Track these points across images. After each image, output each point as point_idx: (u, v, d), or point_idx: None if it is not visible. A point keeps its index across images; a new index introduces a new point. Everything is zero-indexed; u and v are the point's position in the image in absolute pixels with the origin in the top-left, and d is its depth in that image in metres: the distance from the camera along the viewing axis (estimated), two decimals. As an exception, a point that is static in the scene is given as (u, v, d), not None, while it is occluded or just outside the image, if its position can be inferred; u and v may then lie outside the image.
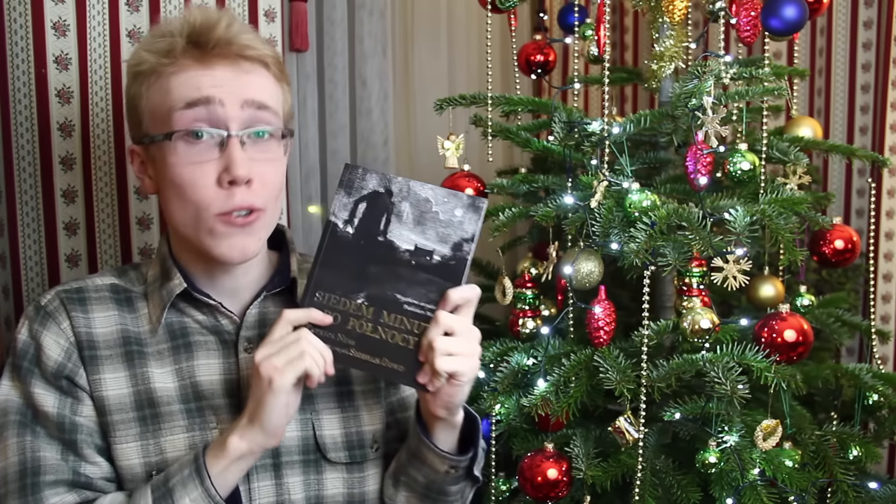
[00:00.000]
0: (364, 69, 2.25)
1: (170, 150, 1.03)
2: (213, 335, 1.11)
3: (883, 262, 2.33)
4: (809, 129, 1.62)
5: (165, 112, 1.03)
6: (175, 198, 1.05)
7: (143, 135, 1.07)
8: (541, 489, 1.40)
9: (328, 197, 2.23)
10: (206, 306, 1.11)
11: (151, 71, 1.05)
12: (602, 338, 1.42)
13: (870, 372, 1.54)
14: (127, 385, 1.07)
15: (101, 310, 1.09)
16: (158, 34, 1.06)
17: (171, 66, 1.03)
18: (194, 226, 1.05)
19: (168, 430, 1.07)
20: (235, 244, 1.05)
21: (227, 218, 1.03)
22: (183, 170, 1.03)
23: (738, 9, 1.48)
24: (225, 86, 1.03)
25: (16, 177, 1.45)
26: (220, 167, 1.02)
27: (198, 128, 1.02)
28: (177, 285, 1.09)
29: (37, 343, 1.07)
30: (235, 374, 1.10)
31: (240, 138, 1.03)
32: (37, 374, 1.06)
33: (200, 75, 1.03)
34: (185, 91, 1.02)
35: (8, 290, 1.48)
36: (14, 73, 1.43)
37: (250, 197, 1.04)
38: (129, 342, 1.09)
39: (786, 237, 1.33)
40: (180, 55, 1.03)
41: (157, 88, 1.04)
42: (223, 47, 1.04)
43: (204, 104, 1.02)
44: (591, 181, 1.46)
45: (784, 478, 1.36)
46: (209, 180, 1.02)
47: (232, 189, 1.03)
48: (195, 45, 1.04)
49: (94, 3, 1.46)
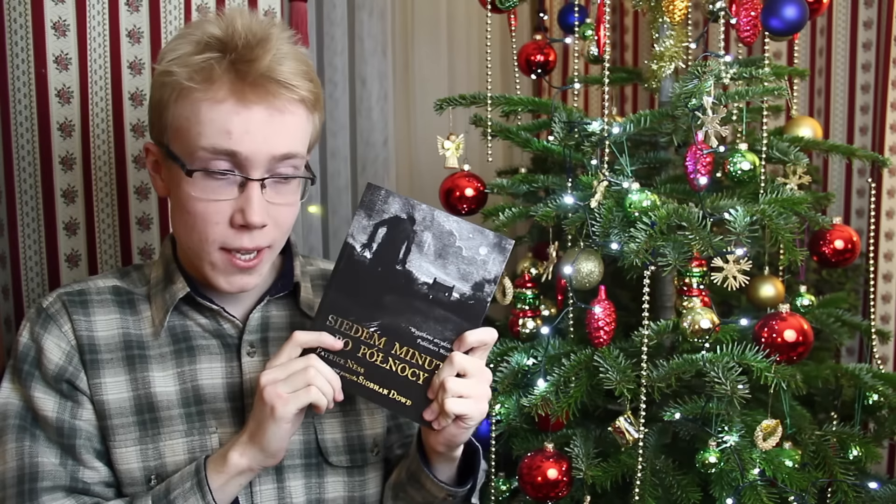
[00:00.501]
0: (364, 69, 2.25)
1: (189, 181, 1.01)
2: (216, 339, 1.11)
3: (883, 262, 2.33)
4: (809, 129, 1.62)
5: (191, 143, 1.00)
6: (184, 221, 1.04)
7: (163, 143, 1.05)
8: (541, 489, 1.40)
9: (328, 197, 2.23)
10: (208, 310, 1.11)
11: (181, 87, 1.00)
12: (602, 338, 1.42)
13: (870, 372, 1.54)
14: (127, 389, 1.07)
15: (102, 312, 1.09)
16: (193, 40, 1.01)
17: (201, 91, 0.99)
18: (197, 252, 1.05)
19: (167, 434, 1.07)
20: (234, 281, 1.06)
21: (230, 256, 1.03)
22: (197, 204, 1.01)
23: (738, 9, 1.48)
24: (256, 134, 0.99)
25: (16, 177, 1.45)
26: (235, 207, 1.01)
27: (220, 169, 1.00)
28: (180, 289, 1.09)
29: (38, 346, 1.06)
30: (238, 378, 1.10)
31: (261, 183, 1.01)
32: (37, 377, 1.05)
33: (233, 114, 0.98)
34: (214, 133, 0.98)
35: (8, 291, 1.48)
36: (14, 73, 1.43)
37: (259, 238, 1.03)
38: (131, 346, 1.08)
39: (786, 237, 1.33)
40: (216, 81, 0.98)
41: (186, 107, 1.00)
42: (263, 84, 0.99)
43: (232, 156, 0.99)
44: (591, 181, 1.46)
45: (784, 478, 1.36)
46: (223, 217, 1.01)
47: (242, 231, 1.02)
48: (234, 72, 0.99)
49: (94, 3, 1.46)
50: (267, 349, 1.12)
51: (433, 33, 2.47)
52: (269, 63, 0.99)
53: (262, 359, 1.11)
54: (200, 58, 0.99)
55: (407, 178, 2.43)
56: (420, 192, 2.43)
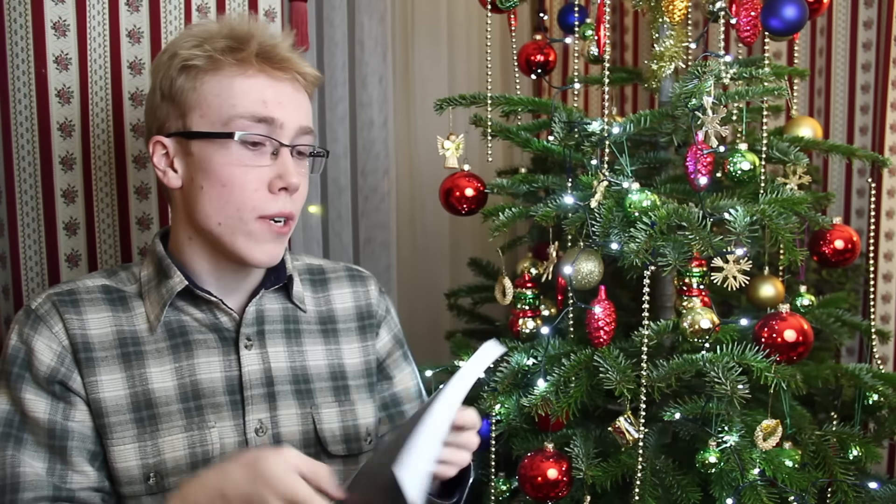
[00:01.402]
0: (364, 69, 2.25)
1: (223, 148, 1.06)
2: (213, 333, 1.12)
3: (883, 262, 2.33)
4: (809, 129, 1.62)
5: (224, 114, 1.06)
6: (215, 195, 1.07)
7: (183, 129, 1.08)
8: (541, 489, 1.39)
9: (328, 197, 2.23)
10: (205, 304, 1.12)
11: (208, 67, 1.07)
12: (602, 338, 1.42)
13: (870, 372, 1.54)
14: (124, 386, 1.07)
15: (94, 311, 1.09)
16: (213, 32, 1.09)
17: (234, 66, 1.07)
18: (232, 225, 1.07)
19: (166, 430, 1.07)
20: (269, 250, 1.09)
21: (266, 222, 1.08)
22: (235, 170, 1.06)
23: (738, 9, 1.48)
24: (287, 105, 1.09)
25: (16, 177, 1.45)
26: (272, 174, 1.08)
27: (260, 138, 1.07)
28: (177, 283, 1.10)
29: (28, 347, 1.06)
30: (236, 371, 1.11)
31: (290, 150, 1.10)
32: (27, 379, 1.05)
33: (267, 87, 1.08)
34: (250, 102, 1.07)
35: (8, 290, 1.48)
36: (14, 73, 1.43)
37: (290, 205, 1.10)
38: (126, 343, 1.09)
39: (786, 237, 1.33)
40: (245, 59, 1.07)
41: (215, 85, 1.07)
42: (288, 63, 1.10)
43: (269, 123, 1.07)
44: (591, 181, 1.46)
45: (784, 478, 1.36)
46: (261, 184, 1.08)
47: (279, 195, 1.08)
48: (262, 56, 1.08)
49: (94, 3, 1.46)
50: (263, 341, 1.14)
51: (433, 33, 2.47)
52: (287, 49, 1.11)
53: (260, 351, 1.14)
54: (223, 42, 1.08)
55: (407, 178, 2.43)
56: (420, 192, 2.43)
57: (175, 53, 1.09)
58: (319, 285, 1.24)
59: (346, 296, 1.25)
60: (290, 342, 1.17)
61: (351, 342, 1.22)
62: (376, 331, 1.26)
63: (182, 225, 1.12)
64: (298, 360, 1.17)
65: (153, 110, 1.12)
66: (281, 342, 1.16)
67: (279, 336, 1.16)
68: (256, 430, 1.11)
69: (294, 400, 1.14)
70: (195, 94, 1.07)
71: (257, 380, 1.12)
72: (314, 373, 1.17)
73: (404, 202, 2.42)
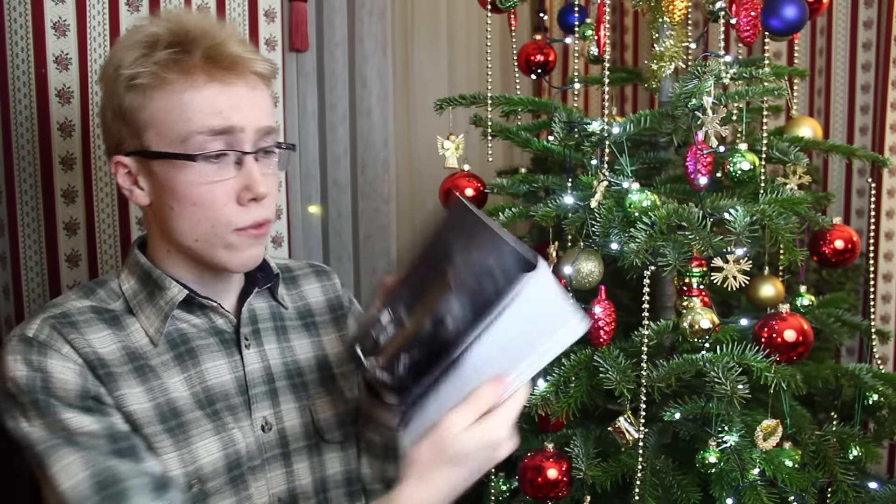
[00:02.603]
0: (364, 69, 2.25)
1: (186, 168, 1.02)
2: (213, 336, 1.12)
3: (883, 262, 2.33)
4: (809, 129, 1.62)
5: (180, 131, 1.01)
6: (188, 214, 1.04)
7: (140, 148, 1.04)
8: (541, 489, 1.39)
9: (328, 197, 2.23)
10: (199, 310, 1.11)
11: (155, 84, 1.01)
12: (602, 338, 1.42)
13: (870, 372, 1.54)
14: (147, 399, 1.03)
15: (94, 331, 1.04)
16: (152, 42, 1.02)
17: (180, 80, 1.01)
18: (209, 241, 1.05)
19: (198, 435, 1.05)
20: (251, 255, 1.08)
21: (244, 232, 1.05)
22: (201, 188, 1.02)
23: (738, 9, 1.48)
24: (244, 108, 1.04)
25: (16, 177, 1.45)
26: (238, 185, 1.04)
27: (220, 150, 1.03)
28: (176, 294, 1.08)
29: (44, 373, 0.98)
30: (241, 371, 1.12)
31: (255, 156, 1.05)
32: (57, 403, 0.97)
33: (219, 94, 1.02)
34: (206, 115, 1.01)
35: (8, 290, 1.48)
36: (14, 73, 1.43)
37: (264, 211, 1.07)
38: (135, 357, 1.05)
39: (786, 237, 1.33)
40: (191, 70, 1.01)
41: (164, 101, 1.01)
42: (236, 63, 1.03)
43: (228, 132, 1.02)
44: (591, 181, 1.46)
45: (784, 478, 1.36)
46: (229, 198, 1.04)
47: (250, 205, 1.05)
48: (208, 60, 1.02)
49: (94, 3, 1.46)
50: (260, 340, 1.16)
51: (433, 33, 2.47)
52: (235, 48, 1.04)
53: (258, 350, 1.15)
54: (165, 53, 1.02)
55: (407, 178, 2.43)
56: (420, 192, 2.43)
57: (119, 68, 1.03)
58: (290, 283, 1.25)
59: (316, 290, 1.27)
60: (279, 339, 1.18)
61: (329, 333, 1.24)
62: (346, 321, 1.28)
63: (158, 239, 1.10)
64: (289, 356, 1.18)
65: (107, 128, 1.08)
66: (273, 339, 1.17)
67: (271, 333, 1.18)
68: (262, 426, 1.12)
69: (291, 394, 1.16)
70: (146, 113, 1.02)
71: (259, 378, 1.13)
72: (305, 366, 1.19)
73: (404, 202, 2.42)
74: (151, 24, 1.05)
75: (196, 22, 1.04)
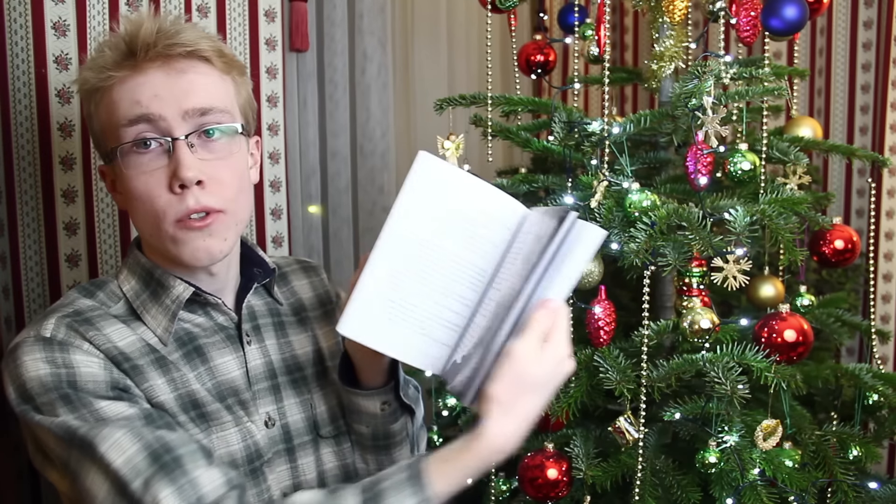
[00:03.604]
0: (364, 69, 2.25)
1: (123, 163, 1.02)
2: (218, 333, 1.12)
3: (883, 262, 2.33)
4: (809, 129, 1.62)
5: (114, 128, 1.02)
6: (136, 209, 1.04)
7: (103, 152, 1.07)
8: (541, 489, 1.39)
9: (328, 197, 2.23)
10: (201, 308, 1.11)
11: (95, 88, 1.03)
12: (602, 338, 1.42)
13: (870, 372, 1.54)
14: (169, 390, 1.03)
15: (108, 326, 1.04)
16: (97, 50, 1.05)
17: (109, 79, 1.02)
18: (157, 235, 1.04)
19: (218, 426, 1.05)
20: (199, 247, 1.03)
21: (184, 223, 1.02)
22: (136, 181, 1.02)
23: (738, 9, 1.48)
24: (163, 94, 1.01)
25: (16, 177, 1.45)
26: (169, 173, 1.01)
27: (143, 137, 1.01)
28: (182, 291, 1.07)
29: (69, 369, 0.97)
30: (246, 367, 1.13)
31: (187, 141, 1.02)
32: (88, 395, 0.96)
33: (137, 85, 1.01)
34: (126, 106, 1.01)
35: (8, 290, 1.48)
36: (14, 73, 1.43)
37: (204, 198, 1.02)
38: (153, 350, 1.05)
39: (786, 237, 1.33)
40: (115, 67, 1.02)
41: (105, 105, 1.03)
42: (152, 49, 1.01)
43: (146, 121, 1.01)
44: (591, 181, 1.46)
45: (784, 478, 1.36)
46: (161, 189, 1.01)
47: (184, 193, 1.01)
48: (128, 54, 1.02)
49: (94, 3, 1.46)
50: (260, 336, 1.16)
51: (433, 33, 2.47)
52: (156, 34, 1.01)
53: (259, 346, 1.15)
54: (100, 57, 1.03)
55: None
56: (420, 192, 2.43)
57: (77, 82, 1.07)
58: (281, 280, 1.25)
59: (306, 287, 1.27)
60: (278, 334, 1.19)
61: (322, 327, 1.24)
62: (334, 315, 1.27)
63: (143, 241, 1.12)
64: (288, 351, 1.18)
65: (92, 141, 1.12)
66: (272, 335, 1.18)
67: (271, 329, 1.18)
68: (266, 422, 1.12)
69: (293, 389, 1.16)
70: (96, 119, 1.05)
71: (261, 373, 1.14)
72: (303, 360, 1.19)
73: (404, 202, 2.42)
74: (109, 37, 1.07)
75: (133, 20, 1.03)
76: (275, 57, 1.74)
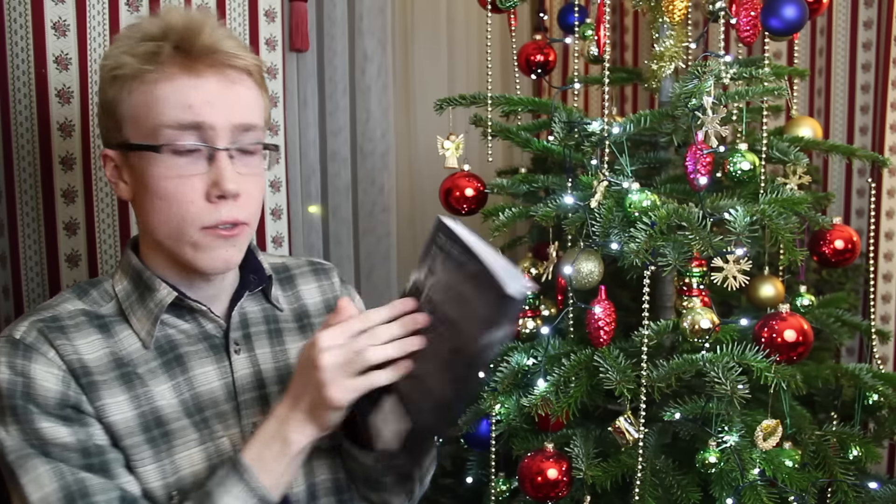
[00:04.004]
0: (364, 69, 2.25)
1: (155, 161, 1.01)
2: (202, 342, 1.10)
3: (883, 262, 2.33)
4: (809, 129, 1.62)
5: (152, 124, 1.00)
6: (157, 209, 1.02)
7: (121, 141, 1.04)
8: (541, 489, 1.39)
9: (328, 197, 2.23)
10: (189, 314, 1.10)
11: (133, 76, 1.01)
12: (602, 338, 1.42)
13: (870, 372, 1.54)
14: (130, 408, 1.02)
15: (82, 336, 1.03)
16: (138, 36, 1.03)
17: (154, 72, 1.00)
18: (177, 237, 1.03)
19: (182, 446, 1.04)
20: (219, 255, 1.04)
21: (211, 231, 1.02)
22: (169, 183, 1.01)
23: (738, 9, 1.48)
24: (216, 102, 1.01)
25: (16, 177, 1.45)
26: (208, 181, 1.01)
27: (187, 143, 1.00)
28: (165, 295, 1.06)
29: (26, 378, 0.98)
30: (230, 377, 1.10)
31: (228, 153, 1.02)
32: (36, 410, 0.97)
33: (189, 87, 1.00)
34: (174, 108, 1.00)
35: (8, 290, 1.48)
36: (14, 73, 1.43)
37: (235, 211, 1.03)
38: (122, 364, 1.04)
39: (786, 237, 1.33)
40: (165, 61, 1.00)
41: (141, 95, 1.01)
42: (210, 55, 1.01)
43: (197, 128, 1.00)
44: (591, 181, 1.46)
45: (784, 478, 1.36)
46: (197, 194, 1.01)
47: (219, 203, 1.02)
48: (180, 51, 1.00)
49: (94, 3, 1.46)
50: (251, 344, 1.13)
51: (433, 33, 2.47)
52: (210, 38, 1.01)
53: (248, 355, 1.12)
54: (144, 45, 1.01)
55: (407, 178, 2.43)
56: (420, 192, 2.43)
57: (105, 62, 1.04)
58: (287, 283, 1.23)
59: (314, 290, 1.24)
60: (273, 343, 1.16)
61: None
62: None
63: (143, 236, 1.09)
64: (282, 360, 1.16)
65: (99, 122, 1.08)
66: (266, 343, 1.15)
67: (264, 337, 1.15)
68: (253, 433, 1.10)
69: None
70: (125, 106, 1.02)
71: (249, 384, 1.11)
72: None
73: (404, 202, 2.42)
74: (144, 20, 1.05)
75: (180, 15, 1.03)
76: (275, 57, 1.74)
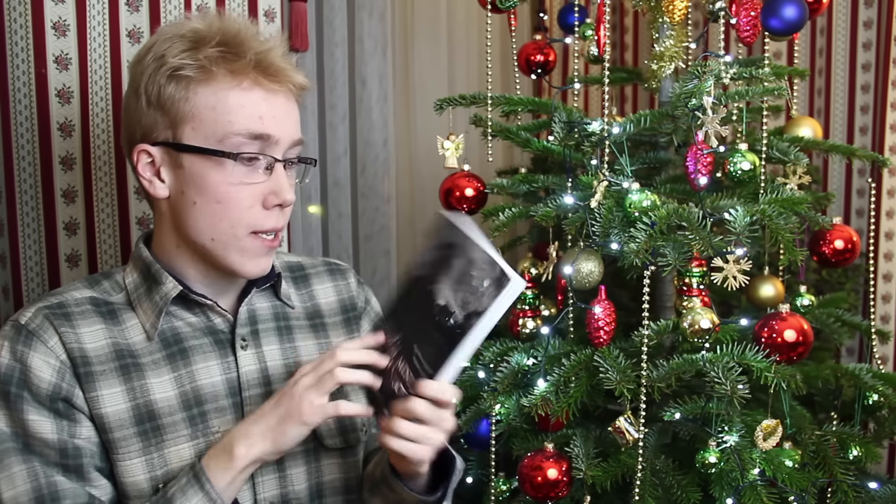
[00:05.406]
0: (364, 69, 2.25)
1: (218, 166, 1.03)
2: (208, 336, 1.11)
3: (883, 262, 2.33)
4: (809, 129, 1.62)
5: (220, 130, 1.03)
6: (209, 212, 1.05)
7: (173, 140, 1.04)
8: (541, 489, 1.40)
9: (328, 197, 2.23)
10: (197, 307, 1.11)
11: (203, 77, 1.02)
12: (602, 338, 1.42)
13: (870, 372, 1.54)
14: (125, 400, 1.04)
15: (87, 324, 1.06)
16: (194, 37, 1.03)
17: (231, 78, 1.03)
18: (225, 241, 1.06)
19: (172, 440, 1.05)
20: (261, 263, 1.09)
21: (259, 238, 1.07)
22: (230, 188, 1.04)
23: (738, 9, 1.48)
24: (282, 119, 1.06)
25: (16, 177, 1.45)
26: (267, 190, 1.06)
27: (256, 154, 1.05)
28: (171, 289, 1.08)
29: (23, 365, 1.01)
30: (235, 373, 1.11)
31: (284, 164, 1.08)
32: (27, 399, 1.00)
33: (262, 101, 1.05)
34: (247, 118, 1.03)
35: (8, 290, 1.48)
36: (14, 73, 1.43)
37: (282, 219, 1.09)
38: (123, 355, 1.06)
39: (786, 237, 1.33)
40: (241, 71, 1.03)
41: (210, 97, 1.03)
42: (281, 73, 1.06)
43: (265, 139, 1.05)
44: (591, 181, 1.46)
45: (784, 478, 1.36)
46: (256, 200, 1.06)
47: (273, 210, 1.07)
48: (259, 69, 1.05)
49: (94, 3, 1.46)
50: (258, 341, 1.14)
51: (433, 33, 2.47)
52: (281, 58, 1.07)
53: (255, 351, 1.13)
54: (215, 50, 1.03)
55: (407, 178, 2.43)
56: (420, 192, 2.43)
57: (162, 58, 1.03)
58: (301, 282, 1.24)
59: (329, 290, 1.25)
60: (282, 339, 1.17)
61: (339, 335, 1.22)
62: (359, 322, 1.26)
63: (169, 233, 1.10)
64: (292, 357, 1.16)
65: (136, 115, 1.06)
66: (275, 340, 1.16)
67: (272, 334, 1.16)
68: None
69: None
70: (187, 106, 1.03)
71: (255, 380, 1.12)
72: None
73: (404, 202, 2.42)
74: (194, 22, 1.07)
75: (242, 26, 1.07)
76: (275, 57, 1.74)
